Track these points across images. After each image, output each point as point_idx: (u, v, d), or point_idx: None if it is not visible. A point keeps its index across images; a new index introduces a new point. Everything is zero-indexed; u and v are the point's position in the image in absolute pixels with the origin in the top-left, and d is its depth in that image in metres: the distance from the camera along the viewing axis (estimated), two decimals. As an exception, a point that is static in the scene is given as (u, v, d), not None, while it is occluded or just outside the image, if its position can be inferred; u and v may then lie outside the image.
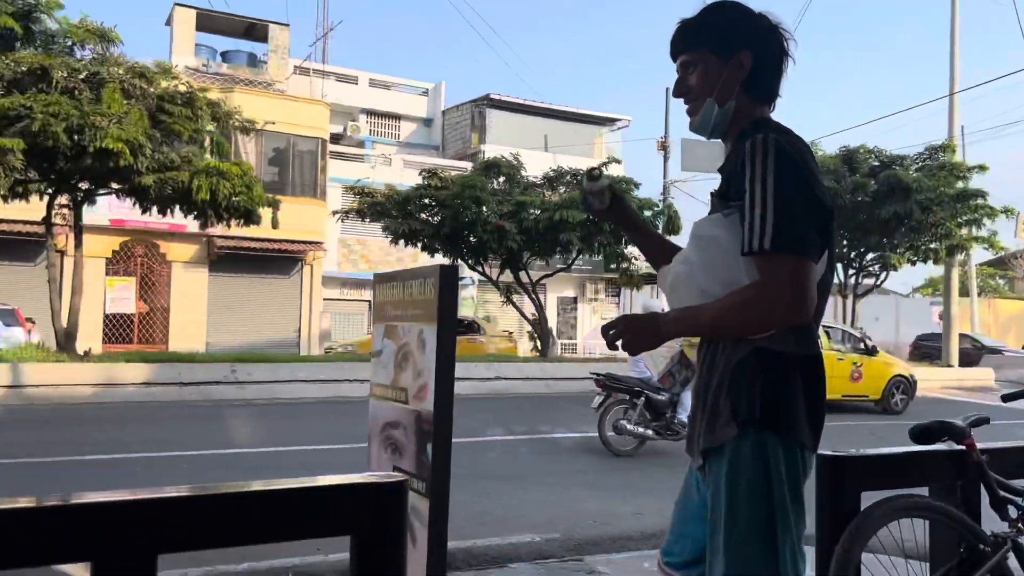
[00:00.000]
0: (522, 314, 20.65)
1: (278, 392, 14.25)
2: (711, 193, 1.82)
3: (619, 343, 1.79)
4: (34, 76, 12.65)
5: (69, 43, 13.68)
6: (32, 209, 15.30)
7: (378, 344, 5.25)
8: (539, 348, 20.33)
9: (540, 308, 19.66)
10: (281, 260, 24.68)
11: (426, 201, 18.37)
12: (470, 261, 19.32)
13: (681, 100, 1.87)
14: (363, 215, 18.71)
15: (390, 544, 1.78)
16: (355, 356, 16.71)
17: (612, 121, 34.50)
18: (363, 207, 18.58)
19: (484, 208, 17.49)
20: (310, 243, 24.55)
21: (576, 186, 18.10)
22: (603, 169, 13.05)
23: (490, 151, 25.47)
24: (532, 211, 17.55)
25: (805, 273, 1.59)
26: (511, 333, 25.02)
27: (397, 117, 34.46)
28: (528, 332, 21.08)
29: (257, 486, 1.70)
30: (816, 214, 1.63)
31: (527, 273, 19.64)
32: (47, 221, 14.30)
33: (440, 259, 20.55)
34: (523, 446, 9.85)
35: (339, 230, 26.05)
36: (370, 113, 33.58)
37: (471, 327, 22.06)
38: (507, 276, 19.87)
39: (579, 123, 33.19)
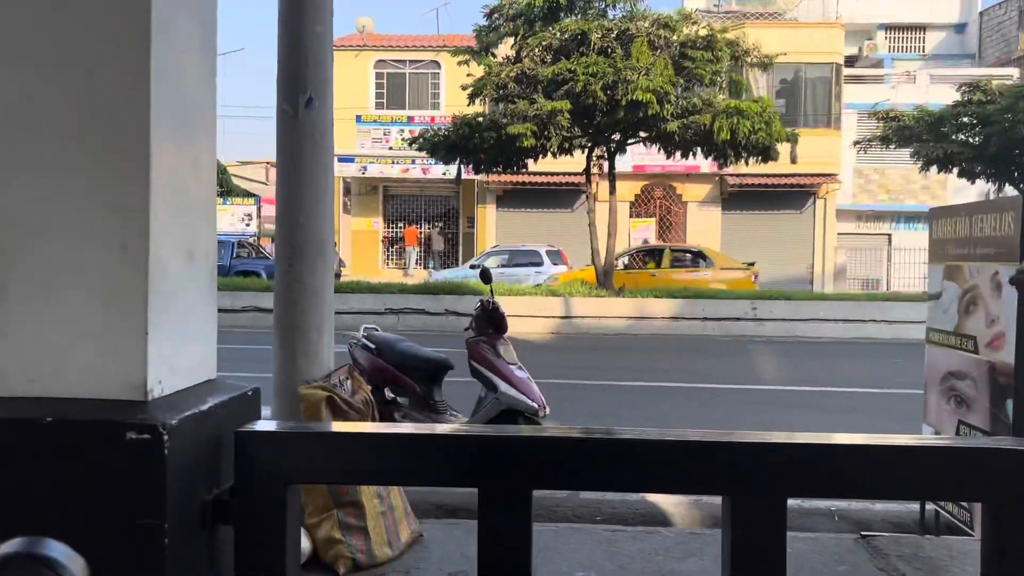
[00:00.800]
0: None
1: (798, 330, 14.12)
2: None
3: None
4: (575, 41, 14.23)
5: (603, 5, 15.03)
6: (570, 162, 17.34)
7: (936, 286, 4.79)
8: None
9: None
10: (792, 195, 24.15)
11: (965, 119, 16.11)
12: (1022, 186, 16.49)
13: None
14: (887, 141, 17.21)
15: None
16: (877, 295, 15.64)
17: None
18: (887, 133, 17.07)
19: (1044, 121, 14.70)
20: (823, 175, 23.53)
21: None
22: None
23: (1046, 51, 21.20)
24: (1113, 119, 14.22)
25: None
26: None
27: (921, 28, 30.70)
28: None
29: (880, 440, 1.67)
30: None
31: (1103, 197, 16.03)
32: (587, 171, 16.10)
33: (982, 184, 17.97)
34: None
35: (853, 160, 24.42)
36: (889, 28, 30.51)
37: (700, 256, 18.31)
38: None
39: None
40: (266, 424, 1.42)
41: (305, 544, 3.46)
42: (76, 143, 1.24)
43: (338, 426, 1.64)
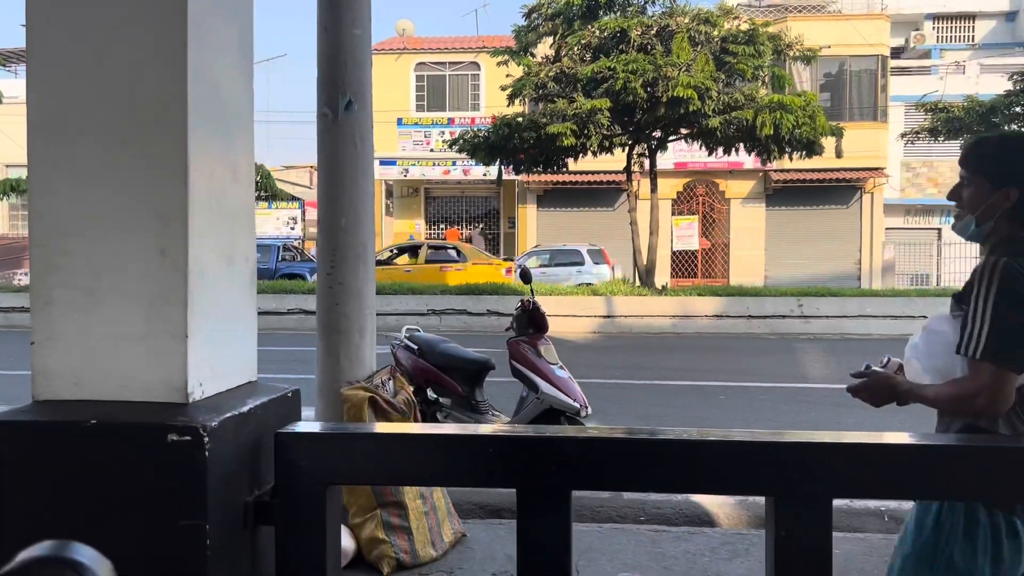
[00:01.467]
0: None
1: (846, 327, 13.86)
2: (952, 295, 2.10)
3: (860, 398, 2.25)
4: (614, 39, 14.16)
5: (642, 2, 14.94)
6: (610, 160, 17.25)
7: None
8: None
9: None
10: (838, 190, 23.69)
11: (1018, 109, 15.67)
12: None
13: (955, 201, 2.17)
14: (936, 134, 16.82)
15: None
16: (927, 291, 15.29)
17: None
18: (936, 124, 16.68)
19: (1102, 109, 14.23)
20: (870, 169, 23.04)
21: None
22: None
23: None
24: None
25: (1002, 382, 1.87)
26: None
27: (971, 17, 29.91)
28: None
29: (927, 440, 1.63)
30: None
31: None
32: (627, 170, 16.01)
33: (1036, 176, 17.44)
34: None
35: (901, 153, 23.89)
36: (937, 17, 29.78)
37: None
38: None
39: None
40: (306, 425, 1.43)
41: (348, 544, 3.49)
42: (115, 150, 1.26)
43: (377, 427, 1.65)
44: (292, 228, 26.69)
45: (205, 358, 1.32)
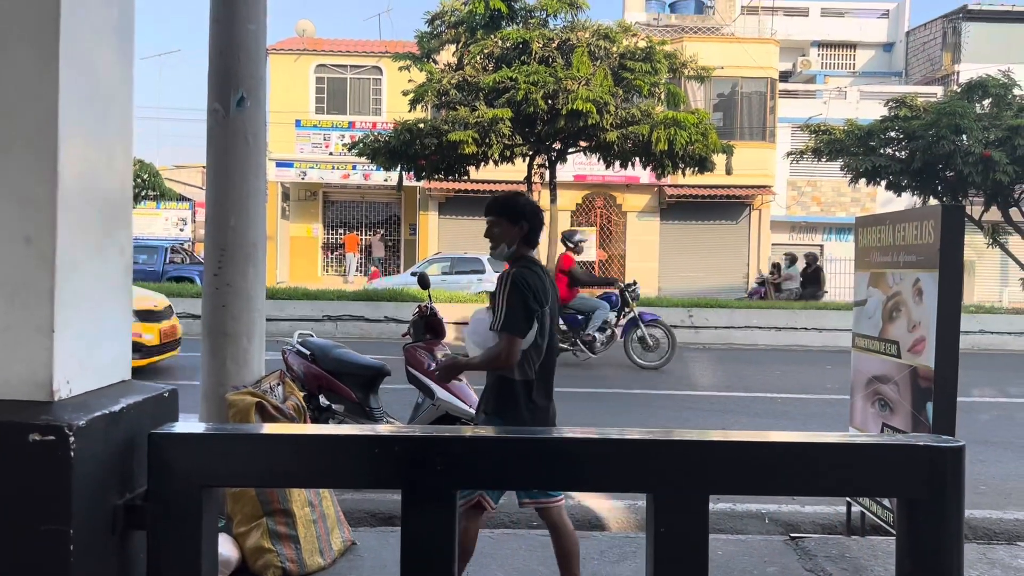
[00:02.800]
0: (1013, 258, 17.79)
1: (733, 337, 14.39)
2: (488, 294, 3.43)
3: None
4: (517, 50, 14.29)
5: (544, 15, 15.13)
6: (511, 170, 17.39)
7: (862, 292, 4.93)
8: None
9: (1037, 251, 16.72)
10: (728, 205, 24.66)
11: (892, 134, 16.70)
12: (945, 198, 17.16)
13: (489, 238, 3.28)
14: (819, 154, 17.71)
15: (945, 511, 1.66)
16: (809, 304, 16.07)
17: None
18: (819, 145, 17.58)
19: (965, 137, 15.31)
20: (758, 187, 24.10)
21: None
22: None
23: (967, 71, 22.15)
24: (1029, 136, 14.90)
25: (512, 344, 3.03)
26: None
27: (852, 46, 31.78)
28: (1021, 280, 18.08)
29: (801, 437, 1.70)
30: (527, 313, 3.05)
31: (1020, 209, 16.81)
32: (528, 180, 16.17)
33: (908, 197, 18.61)
34: (1021, 411, 8.55)
35: (787, 172, 25.09)
36: (821, 45, 31.51)
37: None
38: (994, 214, 17.27)
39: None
40: (182, 426, 1.37)
41: (231, 554, 3.38)
42: (-25, 129, 1.18)
43: (257, 428, 1.60)
44: (181, 230, 25.69)
45: (73, 354, 1.25)
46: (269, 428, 1.50)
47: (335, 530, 3.76)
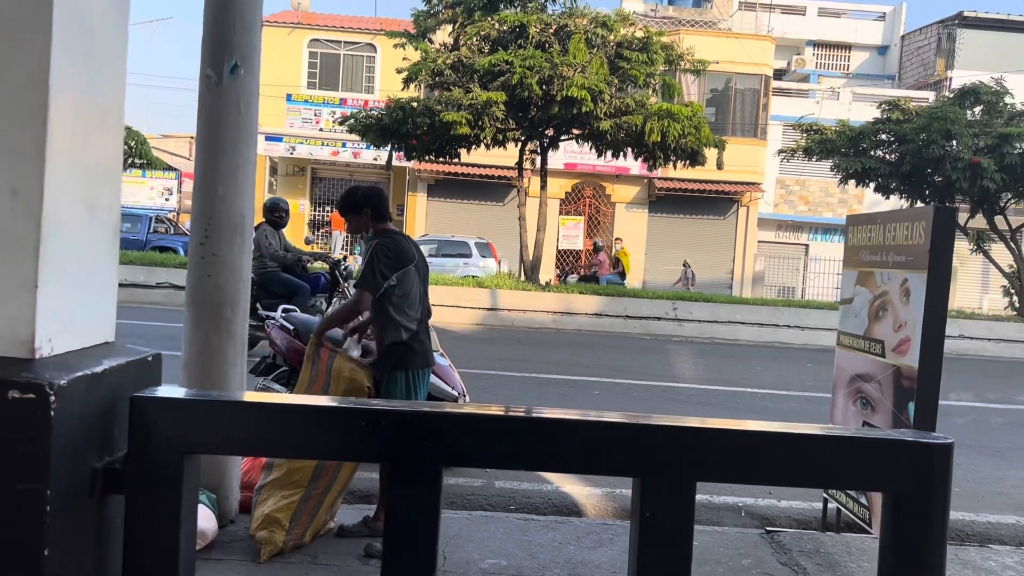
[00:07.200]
0: (996, 265, 17.95)
1: (716, 332, 14.45)
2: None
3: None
4: (513, 33, 14.20)
5: (543, 0, 15.06)
6: (502, 154, 17.33)
7: (849, 291, 4.95)
8: (1018, 306, 17.51)
9: (1021, 259, 16.86)
10: (717, 201, 24.70)
11: (883, 136, 16.77)
12: (933, 203, 17.27)
13: (354, 231, 4.03)
14: (810, 153, 17.76)
15: (931, 508, 1.66)
16: (792, 302, 16.17)
17: None
18: (810, 145, 17.63)
19: (955, 142, 15.40)
20: (747, 184, 24.14)
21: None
22: None
23: (960, 77, 22.26)
24: (1018, 144, 14.99)
25: (364, 297, 3.73)
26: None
27: (847, 47, 31.83)
28: (1003, 287, 18.24)
29: (794, 428, 1.69)
30: (383, 272, 3.72)
31: (1005, 218, 16.95)
32: (519, 165, 16.12)
33: (896, 200, 18.72)
34: (997, 416, 8.64)
35: (777, 170, 25.16)
36: (817, 44, 31.53)
37: None
38: (978, 221, 17.40)
39: (1083, 36, 27.20)
40: (166, 390, 1.35)
41: (208, 526, 3.35)
42: (-37, 76, 1.14)
43: (243, 395, 1.57)
44: (167, 199, 25.45)
45: (57, 312, 1.22)
46: (254, 396, 1.48)
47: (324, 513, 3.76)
